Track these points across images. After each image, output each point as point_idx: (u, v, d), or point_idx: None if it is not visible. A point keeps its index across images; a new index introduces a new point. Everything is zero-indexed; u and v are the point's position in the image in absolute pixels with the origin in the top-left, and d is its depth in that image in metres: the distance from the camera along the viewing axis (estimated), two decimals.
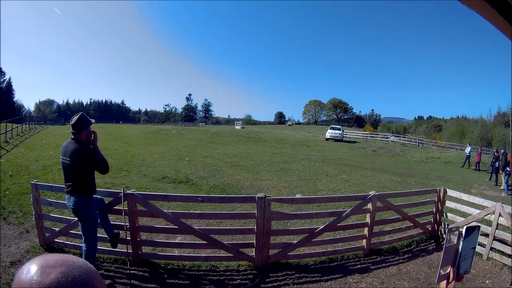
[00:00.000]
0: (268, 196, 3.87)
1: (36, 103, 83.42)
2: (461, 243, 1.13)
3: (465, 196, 5.53)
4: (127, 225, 4.01)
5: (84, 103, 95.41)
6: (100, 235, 4.53)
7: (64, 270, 0.52)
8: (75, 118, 3.53)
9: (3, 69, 64.53)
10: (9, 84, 63.40)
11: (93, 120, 3.72)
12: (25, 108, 74.17)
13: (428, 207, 5.65)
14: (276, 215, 4.03)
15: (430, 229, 5.55)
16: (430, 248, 5.48)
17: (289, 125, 45.72)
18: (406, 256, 5.10)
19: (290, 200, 4.49)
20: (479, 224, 1.19)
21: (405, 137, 36.31)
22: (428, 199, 5.46)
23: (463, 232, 1.14)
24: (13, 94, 64.75)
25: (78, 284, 0.52)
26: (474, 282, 4.52)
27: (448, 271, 1.17)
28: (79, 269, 0.54)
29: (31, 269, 0.52)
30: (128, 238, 4.11)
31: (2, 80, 63.32)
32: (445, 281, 1.19)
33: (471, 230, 1.15)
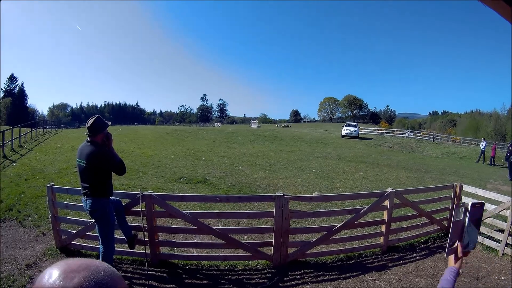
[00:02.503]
0: (286, 195, 3.84)
1: (49, 107, 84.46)
2: (466, 219, 1.13)
3: (480, 192, 5.46)
4: (145, 226, 4.01)
5: (99, 106, 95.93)
6: (118, 237, 4.54)
7: (88, 274, 0.51)
8: (91, 121, 3.53)
9: (15, 75, 65.50)
10: (21, 90, 64.45)
11: (109, 123, 3.72)
12: (39, 113, 75.23)
13: (444, 203, 5.59)
14: (294, 213, 4.01)
15: (446, 225, 5.47)
16: (446, 244, 5.43)
17: (283, 126, 45.75)
18: (423, 252, 5.05)
19: (308, 198, 4.46)
20: (483, 202, 1.20)
21: (420, 133, 36.10)
22: (444, 195, 5.39)
23: (469, 208, 1.14)
24: (26, 99, 65.82)
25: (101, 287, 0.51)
26: (490, 278, 4.45)
27: (455, 245, 1.17)
28: (102, 273, 0.53)
29: (53, 274, 0.51)
30: (146, 239, 4.11)
31: (14, 86, 64.40)
32: (453, 255, 1.19)
33: (476, 206, 1.16)
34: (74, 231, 4.59)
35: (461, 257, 1.19)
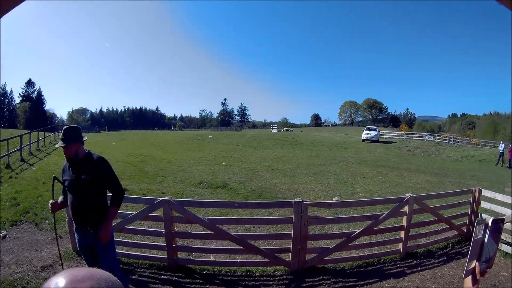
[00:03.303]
0: (306, 201, 3.80)
1: (68, 112, 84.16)
2: (486, 236, 1.07)
3: (499, 196, 5.33)
4: (163, 231, 4.01)
5: (119, 110, 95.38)
6: (135, 241, 4.57)
7: (92, 284, 0.52)
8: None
9: (33, 80, 66.84)
10: (39, 94, 65.55)
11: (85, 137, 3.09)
12: (58, 117, 75.69)
13: (463, 208, 5.48)
14: (313, 219, 3.96)
15: (465, 231, 5.37)
16: (465, 250, 5.31)
17: (285, 130, 45.68)
18: (441, 259, 4.95)
19: (327, 205, 4.41)
20: (503, 217, 1.14)
21: (440, 136, 35.55)
22: (463, 200, 5.28)
23: (489, 224, 1.08)
24: (44, 103, 66.88)
25: None
26: (506, 285, 4.33)
27: (473, 265, 1.11)
28: (105, 282, 0.54)
29: (59, 283, 0.52)
30: (164, 244, 4.11)
31: (32, 90, 65.55)
32: (470, 277, 1.13)
33: (497, 223, 1.10)
34: None
35: (479, 278, 1.14)
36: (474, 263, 1.12)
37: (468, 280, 1.14)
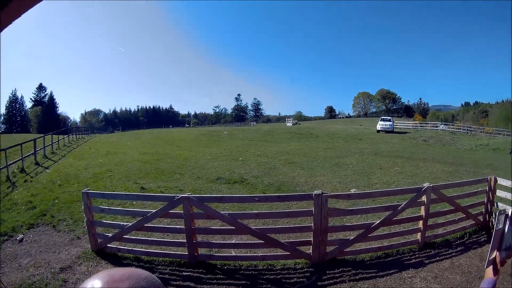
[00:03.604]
0: (325, 193, 3.81)
1: (81, 114, 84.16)
2: (507, 225, 1.08)
3: None
4: (183, 228, 4.03)
5: (132, 110, 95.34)
6: (154, 239, 4.59)
7: (132, 283, 0.51)
8: None
9: (44, 85, 66.92)
10: (51, 98, 65.78)
11: None
12: (71, 120, 75.43)
13: (479, 197, 5.46)
14: (333, 211, 3.97)
15: (481, 220, 5.35)
16: (482, 240, 5.30)
17: (295, 124, 45.25)
18: (458, 249, 4.94)
19: (347, 196, 4.42)
20: None
21: (453, 125, 35.41)
22: (479, 189, 5.27)
23: (510, 214, 1.09)
24: (57, 107, 67.10)
25: None
26: None
27: (494, 255, 1.12)
28: (145, 281, 0.53)
29: (95, 285, 0.50)
30: (184, 240, 4.13)
31: (43, 95, 65.73)
32: (491, 266, 1.14)
33: None
34: (111, 235, 4.64)
35: (499, 267, 1.16)
36: (495, 253, 1.13)
37: (490, 270, 1.15)
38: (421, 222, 4.52)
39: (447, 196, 4.70)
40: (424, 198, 4.40)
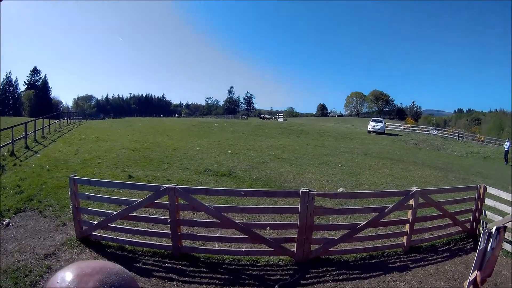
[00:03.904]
0: (312, 191, 3.79)
1: (74, 99, 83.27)
2: (489, 244, 1.07)
3: (504, 194, 5.31)
4: (168, 218, 4.00)
5: (124, 98, 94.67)
6: (139, 228, 4.56)
7: (102, 278, 0.50)
8: None
9: (39, 68, 66.32)
10: (45, 82, 65.22)
11: None
12: (63, 104, 74.96)
13: (467, 204, 5.47)
14: (319, 210, 3.96)
15: (469, 227, 5.36)
16: (468, 247, 5.31)
17: (267, 118, 45.46)
18: (444, 255, 4.95)
19: (334, 195, 4.41)
20: (505, 225, 1.14)
21: (445, 131, 35.56)
22: (468, 196, 5.27)
23: (493, 233, 1.07)
24: (50, 91, 66.55)
25: None
26: (508, 284, 4.32)
27: (475, 275, 1.11)
28: (116, 275, 0.52)
29: (66, 277, 0.49)
30: (168, 231, 4.10)
31: (37, 78, 65.26)
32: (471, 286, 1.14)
33: (500, 231, 1.10)
34: (96, 222, 4.61)
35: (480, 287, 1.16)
36: (476, 273, 1.13)
37: None
38: (407, 225, 4.52)
39: (435, 201, 4.69)
40: (412, 202, 4.39)
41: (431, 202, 4.60)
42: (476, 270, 1.10)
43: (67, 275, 0.49)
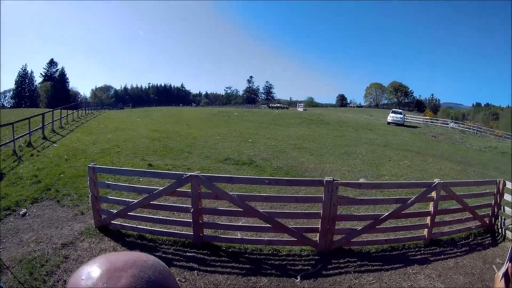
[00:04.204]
0: (336, 180, 3.77)
1: (92, 89, 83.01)
2: None
3: None
4: (190, 207, 4.00)
5: (143, 88, 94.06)
6: (160, 217, 4.56)
7: (136, 272, 0.43)
8: None
9: (55, 60, 66.67)
10: (62, 74, 65.54)
11: None
12: (81, 95, 74.58)
13: (486, 199, 5.43)
14: (343, 199, 3.94)
15: (487, 222, 5.32)
16: (486, 242, 5.27)
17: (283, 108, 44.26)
18: (463, 249, 4.92)
19: (358, 185, 4.38)
20: None
21: (464, 124, 35.31)
22: (488, 190, 5.23)
23: None
24: (67, 82, 67.00)
25: (153, 287, 0.43)
26: None
27: (507, 267, 1.09)
28: (151, 268, 0.45)
29: (92, 273, 0.42)
30: (189, 220, 4.09)
31: (54, 70, 65.63)
32: (503, 279, 1.11)
33: None
34: (115, 211, 4.61)
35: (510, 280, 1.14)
36: (508, 265, 1.11)
37: (502, 283, 1.13)
38: (428, 218, 4.49)
39: (456, 194, 4.66)
40: (434, 194, 4.36)
41: (452, 195, 4.56)
42: (509, 262, 1.09)
43: (94, 270, 0.43)
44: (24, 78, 61.45)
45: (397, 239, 4.40)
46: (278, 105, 47.45)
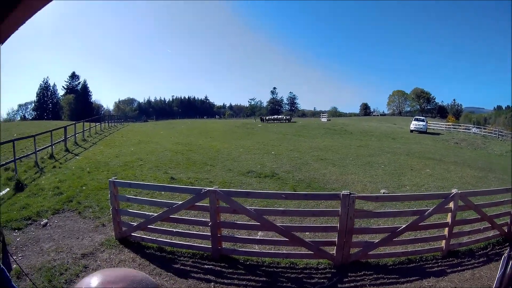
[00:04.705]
0: (353, 194, 3.80)
1: (115, 102, 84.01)
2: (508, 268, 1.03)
3: None
4: (209, 221, 4.10)
5: (166, 100, 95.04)
6: (179, 230, 4.67)
7: (125, 285, 0.52)
8: None
9: (77, 73, 68.02)
10: (84, 87, 66.64)
11: None
12: (104, 108, 75.57)
13: (506, 207, 5.34)
14: (360, 213, 3.97)
15: (506, 231, 5.23)
16: (505, 252, 5.19)
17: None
18: (481, 259, 4.84)
19: (374, 198, 4.40)
20: None
21: (485, 129, 34.71)
22: (506, 198, 5.15)
23: None
24: (90, 95, 67.93)
25: None
26: None
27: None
28: (140, 283, 0.54)
29: (91, 284, 0.51)
30: (208, 233, 4.19)
31: (76, 83, 66.97)
32: None
33: None
34: (135, 224, 4.75)
35: None
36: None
37: None
38: (446, 229, 4.46)
39: (474, 204, 4.61)
40: (451, 204, 4.33)
41: (470, 205, 4.52)
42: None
43: (92, 281, 0.52)
44: (46, 90, 62.99)
45: (414, 251, 4.38)
46: (276, 116, 40.35)
